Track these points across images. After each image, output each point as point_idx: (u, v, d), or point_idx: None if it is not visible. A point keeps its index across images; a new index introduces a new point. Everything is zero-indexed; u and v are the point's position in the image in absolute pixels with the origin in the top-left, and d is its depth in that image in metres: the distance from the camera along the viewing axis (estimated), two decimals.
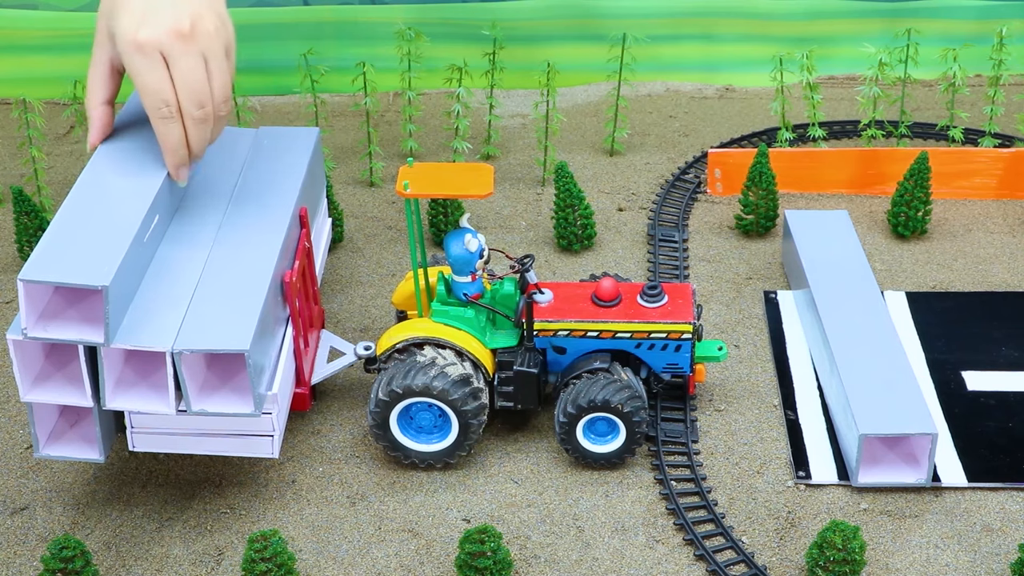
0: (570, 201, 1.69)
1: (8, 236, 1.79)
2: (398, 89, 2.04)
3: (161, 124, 1.25)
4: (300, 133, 1.53)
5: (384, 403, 1.33)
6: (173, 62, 1.23)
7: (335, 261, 1.72)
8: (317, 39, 2.09)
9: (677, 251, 1.72)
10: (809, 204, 1.82)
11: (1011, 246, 1.72)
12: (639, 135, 2.04)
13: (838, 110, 2.08)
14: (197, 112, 1.26)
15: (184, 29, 1.23)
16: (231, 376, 1.24)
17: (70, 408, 1.27)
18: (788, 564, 1.24)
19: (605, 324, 1.36)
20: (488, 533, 1.18)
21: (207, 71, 1.25)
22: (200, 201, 1.38)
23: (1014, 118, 1.95)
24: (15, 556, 1.28)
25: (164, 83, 1.23)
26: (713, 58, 2.22)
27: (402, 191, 1.28)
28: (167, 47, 1.23)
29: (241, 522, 1.31)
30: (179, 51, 1.23)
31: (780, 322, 1.58)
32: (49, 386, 1.21)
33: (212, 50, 1.25)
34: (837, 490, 1.33)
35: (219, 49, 1.26)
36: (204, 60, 1.25)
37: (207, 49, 1.25)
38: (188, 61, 1.23)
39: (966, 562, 1.24)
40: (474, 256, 1.34)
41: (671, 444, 1.38)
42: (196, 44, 1.24)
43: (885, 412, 1.32)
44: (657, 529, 1.29)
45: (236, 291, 1.25)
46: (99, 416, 1.22)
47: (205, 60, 1.25)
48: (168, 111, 1.24)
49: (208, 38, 1.25)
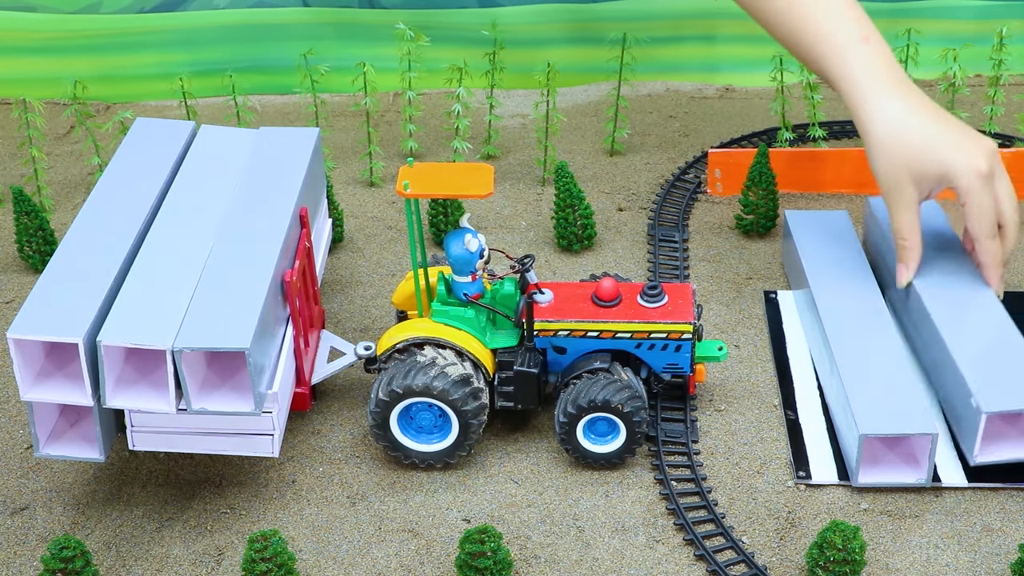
0: (570, 201, 1.69)
1: (8, 236, 1.79)
2: (398, 89, 2.05)
3: (989, 242, 1.43)
4: (300, 133, 1.53)
5: (384, 403, 1.33)
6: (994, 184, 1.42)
7: (335, 261, 1.72)
8: (317, 39, 2.09)
9: (677, 251, 1.72)
10: (809, 204, 1.82)
11: None
12: (639, 135, 2.04)
13: (838, 110, 2.08)
14: (989, 232, 1.44)
15: (985, 170, 1.41)
16: (231, 375, 1.24)
17: (70, 408, 1.27)
18: (788, 564, 1.24)
19: (605, 324, 1.36)
20: (488, 533, 1.18)
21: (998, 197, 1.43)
22: (201, 200, 1.38)
23: (1014, 118, 1.95)
24: (15, 556, 1.28)
25: (993, 204, 1.42)
26: (713, 58, 2.22)
27: (402, 191, 1.28)
28: (993, 172, 1.42)
29: (241, 522, 1.31)
30: (998, 174, 1.43)
31: (780, 322, 1.58)
32: (49, 385, 1.21)
33: (999, 177, 1.44)
34: (837, 490, 1.33)
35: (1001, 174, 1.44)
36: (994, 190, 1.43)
37: (1000, 171, 1.44)
38: (1001, 183, 1.43)
39: (966, 562, 1.24)
40: (474, 256, 1.34)
41: (671, 444, 1.38)
42: (992, 178, 1.42)
43: (885, 412, 1.32)
44: (657, 529, 1.29)
45: (236, 290, 1.25)
46: (99, 415, 1.22)
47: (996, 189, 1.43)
48: (994, 230, 1.43)
49: (999, 170, 1.44)
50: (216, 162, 1.45)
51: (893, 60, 1.48)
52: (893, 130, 1.43)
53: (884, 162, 1.44)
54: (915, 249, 1.47)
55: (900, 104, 1.44)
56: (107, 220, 1.34)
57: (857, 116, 1.46)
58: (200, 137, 1.51)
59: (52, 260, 1.28)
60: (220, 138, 1.51)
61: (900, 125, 1.43)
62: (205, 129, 1.53)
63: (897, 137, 1.43)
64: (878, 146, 1.44)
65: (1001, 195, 1.43)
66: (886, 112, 1.44)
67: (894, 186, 1.44)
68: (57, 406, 1.26)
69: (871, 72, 1.45)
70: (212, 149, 1.49)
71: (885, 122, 1.43)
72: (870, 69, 1.45)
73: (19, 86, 2.10)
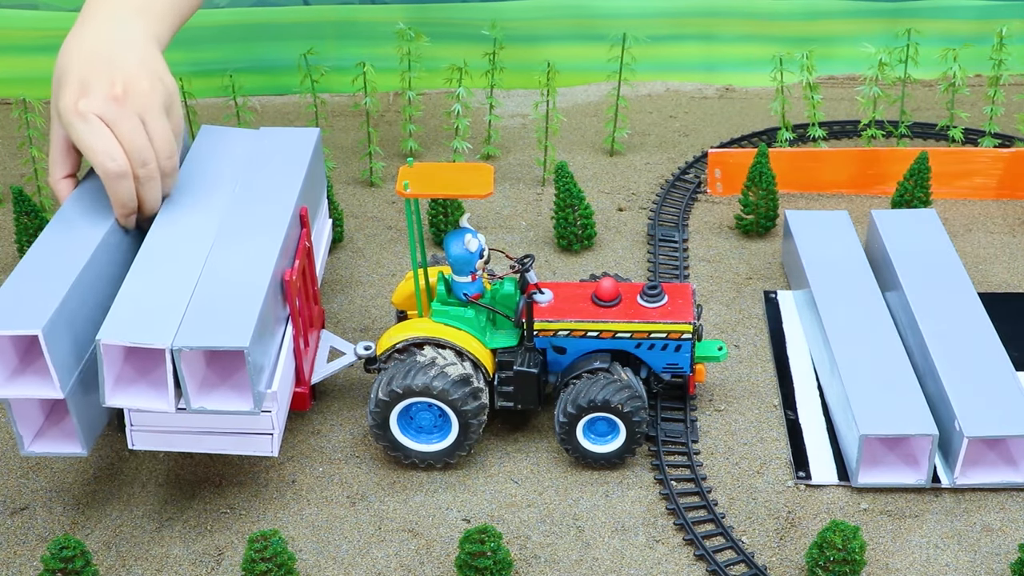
0: (570, 201, 1.69)
1: (8, 236, 1.79)
2: (398, 89, 2.05)
3: (110, 181, 1.30)
4: (300, 133, 1.53)
5: (384, 403, 1.33)
6: (113, 125, 1.29)
7: (335, 261, 1.72)
8: (317, 39, 2.09)
9: (677, 251, 1.72)
10: (809, 204, 1.82)
11: (1011, 246, 1.72)
12: (639, 135, 2.04)
13: (838, 110, 2.08)
14: (142, 170, 1.31)
15: (117, 93, 1.29)
16: (231, 374, 1.24)
17: (57, 407, 1.26)
18: (788, 564, 1.24)
19: (605, 324, 1.36)
20: (488, 533, 1.18)
21: (147, 130, 1.31)
22: (201, 200, 1.38)
23: (1014, 118, 1.95)
24: (15, 556, 1.27)
25: (108, 142, 1.28)
26: (713, 58, 2.22)
27: (402, 191, 1.28)
28: (104, 112, 1.29)
29: (241, 522, 1.31)
30: (116, 114, 1.29)
31: (780, 322, 1.58)
32: (21, 382, 1.20)
33: (149, 108, 1.31)
34: (837, 490, 1.33)
35: (156, 107, 1.32)
36: (142, 120, 1.30)
37: (143, 108, 1.31)
38: (126, 123, 1.29)
39: (966, 562, 1.24)
40: (474, 256, 1.34)
41: (671, 444, 1.38)
42: (131, 105, 1.30)
43: (885, 412, 1.32)
44: (657, 529, 1.29)
45: (236, 289, 1.25)
46: (75, 409, 1.21)
47: (143, 120, 1.30)
48: (115, 166, 1.28)
49: (143, 97, 1.31)
50: (216, 162, 1.45)
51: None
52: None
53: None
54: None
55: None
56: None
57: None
58: (200, 137, 1.51)
59: (26, 255, 1.27)
60: (220, 138, 1.51)
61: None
62: (205, 129, 1.53)
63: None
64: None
65: (122, 137, 1.30)
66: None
67: (52, 120, 1.36)
68: (41, 407, 1.25)
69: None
70: (212, 149, 1.49)
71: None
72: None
73: (19, 86, 2.10)
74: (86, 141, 1.29)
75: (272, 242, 1.32)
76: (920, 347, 1.42)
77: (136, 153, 1.29)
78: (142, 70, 1.32)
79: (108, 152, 1.28)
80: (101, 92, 1.29)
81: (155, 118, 1.31)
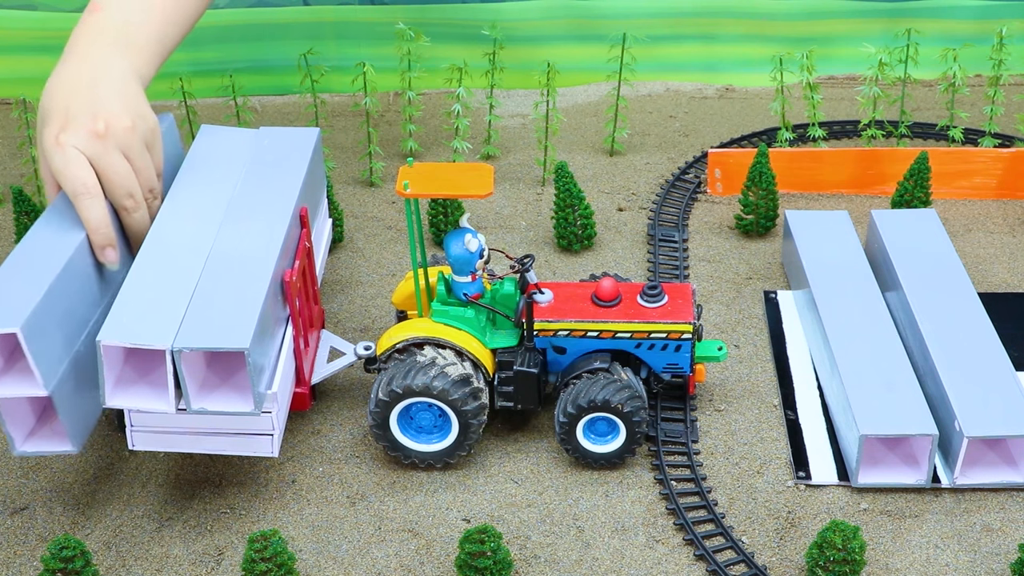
0: (570, 201, 1.69)
1: (8, 236, 1.79)
2: (398, 89, 2.05)
3: (79, 202, 1.30)
4: (300, 133, 1.53)
5: (384, 403, 1.33)
6: (96, 160, 1.31)
7: (335, 261, 1.72)
8: (317, 39, 2.09)
9: (677, 251, 1.72)
10: (809, 204, 1.82)
11: (1011, 246, 1.72)
12: (639, 135, 2.04)
13: (838, 110, 2.08)
14: (128, 202, 1.33)
15: (99, 129, 1.32)
16: (231, 375, 1.24)
17: (49, 407, 1.26)
18: (788, 564, 1.24)
19: (605, 324, 1.36)
20: (488, 533, 1.18)
21: (132, 165, 1.33)
22: (201, 200, 1.38)
23: (1014, 118, 1.95)
24: (15, 556, 1.27)
25: (82, 169, 1.30)
26: (713, 58, 2.22)
27: (402, 191, 1.28)
28: (86, 147, 1.31)
29: (241, 522, 1.31)
30: (99, 149, 1.31)
31: (780, 322, 1.58)
32: (5, 381, 1.19)
33: (131, 146, 1.34)
34: (837, 490, 1.33)
35: (137, 143, 1.34)
36: (124, 155, 1.33)
37: (125, 145, 1.33)
38: (108, 157, 1.32)
39: (966, 562, 1.24)
40: (474, 256, 1.34)
41: (671, 444, 1.38)
42: (113, 141, 1.32)
43: (885, 412, 1.32)
44: (657, 529, 1.29)
45: (236, 290, 1.25)
46: (63, 406, 1.20)
47: (126, 155, 1.33)
48: (84, 188, 1.30)
49: (126, 134, 1.33)
50: (216, 162, 1.45)
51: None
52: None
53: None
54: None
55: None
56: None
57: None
58: (200, 137, 1.51)
59: (10, 255, 1.26)
60: (220, 138, 1.51)
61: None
62: (205, 129, 1.53)
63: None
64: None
65: (105, 173, 1.33)
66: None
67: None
68: (31, 406, 1.25)
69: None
70: (212, 149, 1.48)
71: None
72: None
73: (19, 86, 2.10)
74: (57, 165, 1.31)
75: (272, 242, 1.32)
76: (920, 347, 1.42)
77: (121, 185, 1.32)
78: (124, 108, 1.35)
79: (78, 176, 1.30)
80: (83, 128, 1.31)
81: (138, 155, 1.34)
